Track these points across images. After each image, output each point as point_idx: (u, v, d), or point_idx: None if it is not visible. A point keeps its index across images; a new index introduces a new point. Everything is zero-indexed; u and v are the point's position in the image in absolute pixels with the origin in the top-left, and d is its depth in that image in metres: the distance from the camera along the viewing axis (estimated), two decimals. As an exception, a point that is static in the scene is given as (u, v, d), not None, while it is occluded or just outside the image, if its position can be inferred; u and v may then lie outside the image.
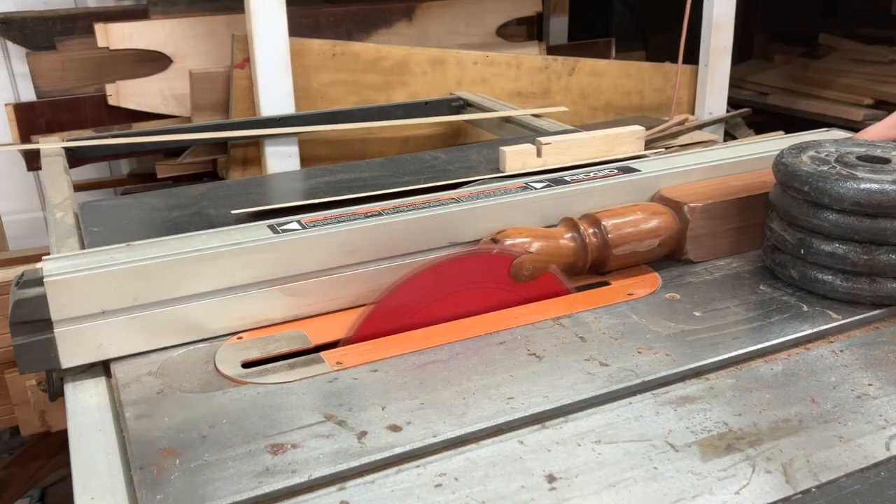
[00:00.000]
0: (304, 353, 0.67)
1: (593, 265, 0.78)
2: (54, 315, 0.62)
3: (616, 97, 1.83)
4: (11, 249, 1.61)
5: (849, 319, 0.70)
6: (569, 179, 0.84)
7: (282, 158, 1.42)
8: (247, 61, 1.44)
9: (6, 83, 1.74)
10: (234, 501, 0.49)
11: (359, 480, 0.52)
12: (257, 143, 1.44)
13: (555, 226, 0.79)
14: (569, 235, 0.77)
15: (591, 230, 0.77)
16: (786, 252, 0.76)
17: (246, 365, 0.65)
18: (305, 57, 1.51)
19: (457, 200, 0.79)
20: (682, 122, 1.67)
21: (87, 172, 1.80)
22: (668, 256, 0.82)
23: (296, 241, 0.70)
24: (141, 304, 0.65)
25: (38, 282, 0.62)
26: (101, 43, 1.54)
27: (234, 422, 0.57)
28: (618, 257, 0.78)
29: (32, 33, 1.60)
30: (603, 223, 0.77)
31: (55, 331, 0.63)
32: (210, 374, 0.64)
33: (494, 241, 0.74)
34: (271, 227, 0.72)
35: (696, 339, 0.67)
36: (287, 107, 1.42)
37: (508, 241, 0.74)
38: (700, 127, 1.75)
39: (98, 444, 0.56)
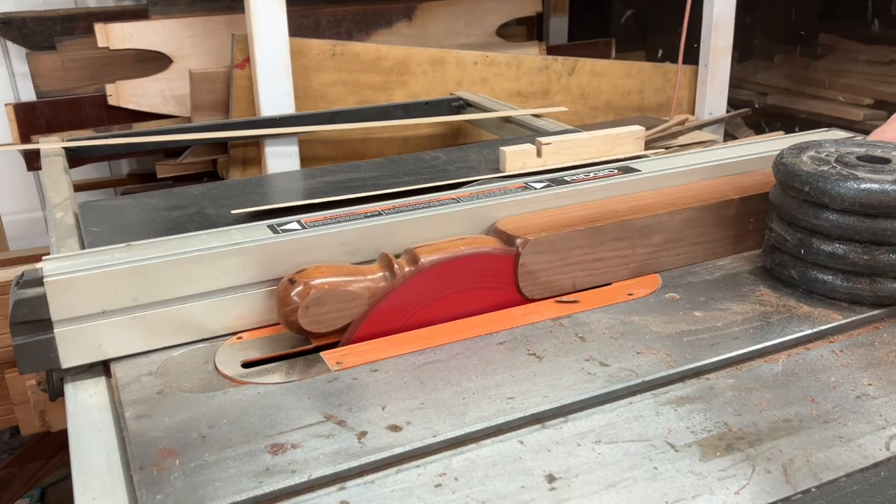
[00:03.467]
0: (304, 353, 0.67)
1: None
2: (54, 315, 0.62)
3: (616, 97, 1.83)
4: (11, 249, 1.61)
5: (849, 319, 0.70)
6: (569, 179, 0.84)
7: (282, 158, 1.42)
8: (247, 61, 1.44)
9: (6, 83, 1.74)
10: (234, 501, 0.49)
11: (359, 480, 0.52)
12: (257, 143, 1.44)
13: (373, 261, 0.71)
14: (380, 275, 0.68)
15: (407, 268, 0.69)
16: (786, 252, 0.76)
17: (246, 365, 0.65)
18: (305, 57, 1.51)
19: (457, 200, 0.79)
20: (682, 122, 1.67)
21: (87, 172, 1.80)
22: None
23: (296, 241, 0.70)
24: (141, 304, 0.65)
25: (38, 282, 0.62)
26: (101, 43, 1.54)
27: (234, 422, 0.57)
28: None
29: (32, 33, 1.60)
30: (421, 260, 0.69)
31: (55, 331, 0.63)
32: (210, 374, 0.64)
33: (292, 281, 0.66)
34: (271, 227, 0.72)
35: (696, 339, 0.67)
36: (287, 107, 1.41)
37: (303, 286, 0.65)
38: (700, 127, 1.75)
39: (98, 444, 0.56)
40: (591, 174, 0.86)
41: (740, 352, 0.65)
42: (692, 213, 0.79)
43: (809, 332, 0.68)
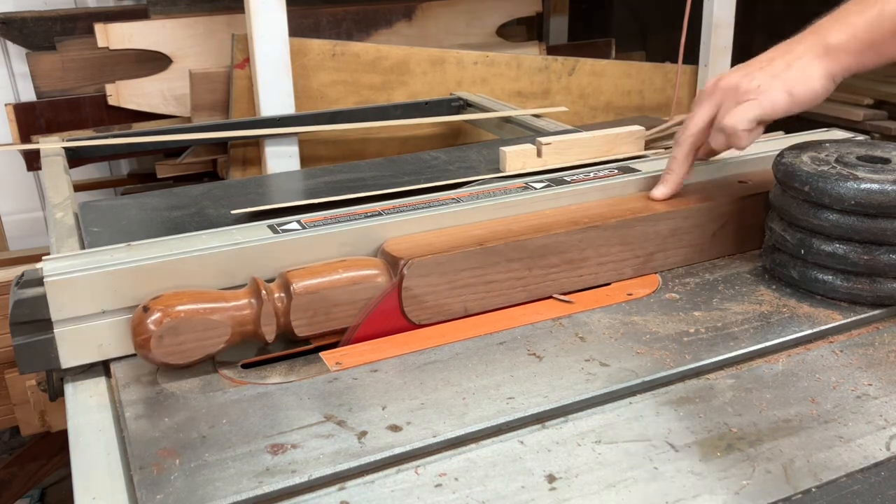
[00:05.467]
0: (304, 353, 0.67)
1: (285, 335, 0.67)
2: (54, 315, 0.62)
3: (616, 97, 1.83)
4: (11, 249, 1.61)
5: (849, 319, 0.70)
6: (569, 179, 0.84)
7: (282, 158, 1.41)
8: (247, 61, 1.44)
9: (6, 83, 1.74)
10: (234, 501, 0.49)
11: (359, 480, 0.52)
12: (257, 143, 1.44)
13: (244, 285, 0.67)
14: (245, 301, 0.64)
15: (277, 294, 0.65)
16: (786, 252, 0.76)
17: (246, 365, 0.65)
18: (305, 57, 1.51)
19: (457, 200, 0.79)
20: (682, 123, 1.67)
21: (87, 172, 1.80)
22: None
23: (296, 241, 0.70)
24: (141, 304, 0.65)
25: (38, 282, 0.62)
26: (101, 43, 1.54)
27: (234, 422, 0.57)
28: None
29: (32, 33, 1.60)
30: (293, 286, 0.65)
31: (55, 331, 0.63)
32: (210, 374, 0.64)
33: (146, 308, 0.61)
34: (271, 227, 0.72)
35: (696, 339, 0.67)
36: (287, 107, 1.41)
37: (158, 313, 0.61)
38: (700, 127, 1.74)
39: (98, 444, 0.56)
40: (591, 174, 0.86)
41: (740, 352, 0.65)
42: (594, 232, 0.75)
43: (809, 332, 0.68)
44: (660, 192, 0.81)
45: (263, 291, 0.64)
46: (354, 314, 0.67)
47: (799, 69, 0.73)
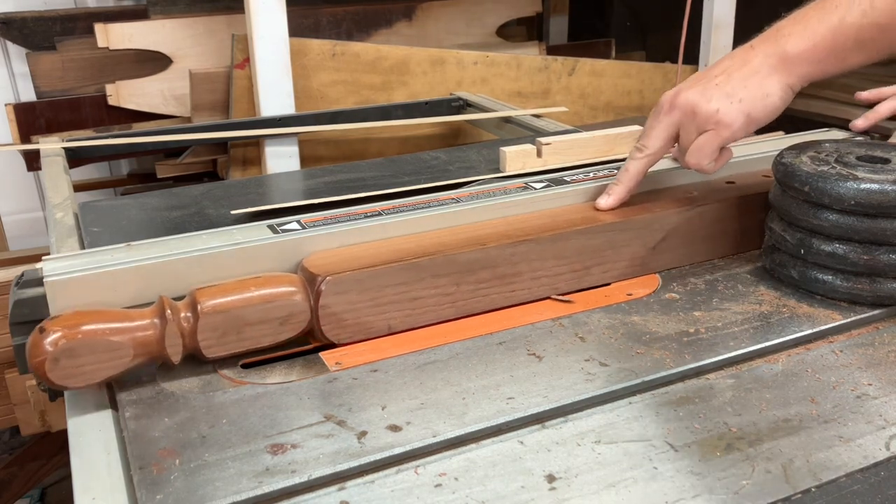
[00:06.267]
0: (304, 353, 0.67)
1: (194, 355, 0.64)
2: (54, 315, 0.62)
3: (616, 97, 1.83)
4: (11, 249, 1.61)
5: (849, 319, 0.70)
6: (569, 179, 0.84)
7: (282, 158, 1.42)
8: (247, 61, 1.44)
9: (6, 83, 1.73)
10: (233, 501, 0.49)
11: (359, 480, 0.52)
12: (257, 143, 1.44)
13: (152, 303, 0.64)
14: (149, 321, 0.60)
15: (183, 313, 0.62)
16: (785, 252, 0.76)
17: (246, 365, 0.65)
18: (305, 57, 1.51)
19: (457, 200, 0.79)
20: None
21: (87, 172, 1.80)
22: (310, 335, 0.67)
23: (296, 241, 0.70)
24: (141, 304, 0.65)
25: (38, 282, 0.63)
26: (101, 43, 1.54)
27: (234, 422, 0.57)
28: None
29: (32, 33, 1.60)
30: (200, 305, 0.61)
31: (55, 331, 0.63)
32: (210, 374, 0.64)
33: (42, 329, 0.57)
34: (271, 227, 0.72)
35: (695, 339, 0.67)
36: (287, 107, 1.41)
37: (54, 334, 0.57)
38: (700, 127, 1.74)
39: (98, 444, 0.56)
40: (591, 174, 0.86)
41: (740, 352, 0.65)
42: (527, 246, 0.72)
43: (809, 332, 0.68)
44: (604, 202, 0.78)
45: (168, 311, 0.61)
46: (270, 333, 0.64)
47: (756, 86, 0.72)
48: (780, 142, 0.95)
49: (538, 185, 0.82)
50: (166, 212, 0.95)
